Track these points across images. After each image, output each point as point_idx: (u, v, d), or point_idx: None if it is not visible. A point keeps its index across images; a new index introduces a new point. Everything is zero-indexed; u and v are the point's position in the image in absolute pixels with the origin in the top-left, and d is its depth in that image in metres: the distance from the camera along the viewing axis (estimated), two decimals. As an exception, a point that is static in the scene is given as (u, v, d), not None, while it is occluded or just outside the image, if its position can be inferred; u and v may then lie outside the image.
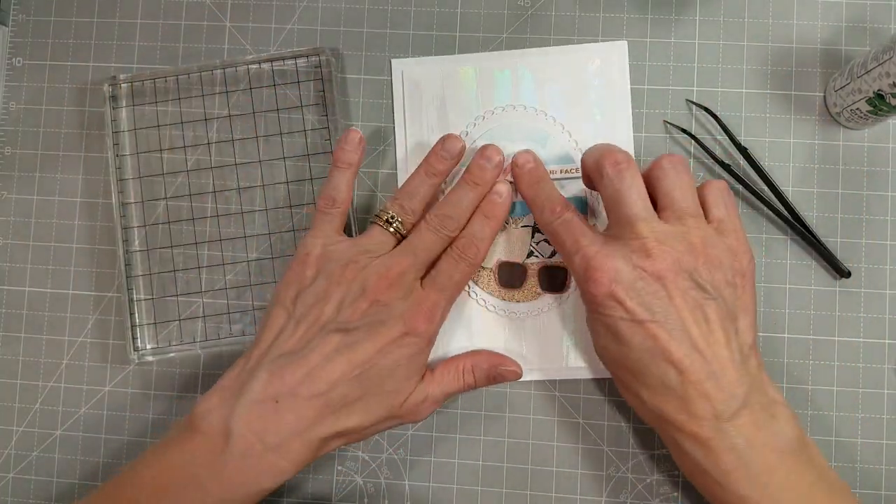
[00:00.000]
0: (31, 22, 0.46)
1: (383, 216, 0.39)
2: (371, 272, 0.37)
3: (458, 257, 0.38)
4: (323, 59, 0.43)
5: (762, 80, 0.43)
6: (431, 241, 0.38)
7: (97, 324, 0.44)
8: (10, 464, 0.44)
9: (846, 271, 0.41)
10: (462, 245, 0.38)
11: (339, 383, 0.35)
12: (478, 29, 0.44)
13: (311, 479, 0.42)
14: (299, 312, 0.37)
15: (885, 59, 0.36)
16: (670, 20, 0.43)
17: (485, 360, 0.40)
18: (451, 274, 0.38)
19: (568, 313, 0.42)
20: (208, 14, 0.45)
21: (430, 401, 0.38)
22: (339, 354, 0.36)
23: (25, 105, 0.45)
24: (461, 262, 0.38)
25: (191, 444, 0.35)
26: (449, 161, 0.40)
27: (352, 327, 0.36)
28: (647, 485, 0.41)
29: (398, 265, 0.37)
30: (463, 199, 0.39)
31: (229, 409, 0.35)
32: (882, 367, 0.41)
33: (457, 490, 0.42)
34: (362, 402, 0.36)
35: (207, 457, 0.34)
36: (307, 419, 0.35)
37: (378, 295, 0.36)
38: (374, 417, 0.36)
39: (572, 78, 0.43)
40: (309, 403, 0.35)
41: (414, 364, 0.37)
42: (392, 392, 0.37)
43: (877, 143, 0.42)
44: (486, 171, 0.39)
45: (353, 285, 0.36)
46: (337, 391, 0.35)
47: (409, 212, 0.39)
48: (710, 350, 0.34)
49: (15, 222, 0.45)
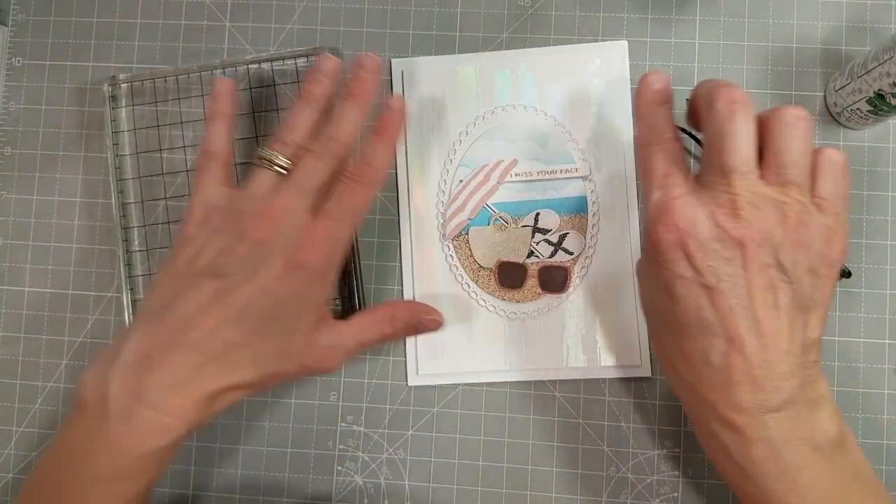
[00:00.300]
0: (31, 22, 0.46)
1: (263, 156, 0.36)
2: (250, 213, 0.34)
3: (352, 180, 0.35)
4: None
5: (762, 79, 0.43)
6: (314, 166, 0.35)
7: (97, 324, 0.44)
8: (10, 464, 0.44)
9: (846, 271, 0.41)
10: (355, 167, 0.35)
11: (217, 331, 0.33)
12: (478, 29, 0.44)
13: (312, 479, 0.42)
14: (179, 268, 0.35)
15: (886, 58, 0.36)
16: (670, 20, 0.43)
17: (403, 310, 0.38)
18: (345, 199, 0.35)
19: (568, 313, 0.42)
20: (208, 14, 0.45)
21: (342, 349, 0.36)
22: (214, 301, 0.33)
23: (25, 105, 0.45)
24: (356, 185, 0.35)
25: (77, 420, 0.33)
26: (325, 82, 0.37)
27: (228, 272, 0.34)
28: (647, 485, 0.41)
29: (279, 200, 0.34)
30: (343, 116, 0.36)
31: (105, 374, 0.33)
32: (882, 367, 0.41)
33: (457, 490, 0.42)
34: (250, 350, 0.34)
35: (92, 428, 0.32)
36: (184, 373, 0.33)
37: (258, 234, 0.34)
38: (270, 366, 0.34)
39: (572, 78, 0.43)
40: (184, 356, 0.33)
41: (304, 301, 0.35)
42: (283, 335, 0.34)
43: (877, 143, 0.42)
44: (364, 82, 0.37)
45: (234, 230, 0.34)
46: (216, 340, 0.33)
47: (289, 144, 0.36)
48: (771, 337, 0.31)
49: (15, 222, 0.45)
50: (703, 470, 0.41)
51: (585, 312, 0.42)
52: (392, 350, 0.43)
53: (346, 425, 0.43)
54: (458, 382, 0.42)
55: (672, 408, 0.42)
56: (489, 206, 0.43)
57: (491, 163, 0.43)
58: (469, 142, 0.43)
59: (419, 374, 0.42)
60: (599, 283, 0.42)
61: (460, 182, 0.43)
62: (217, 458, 0.43)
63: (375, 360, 0.43)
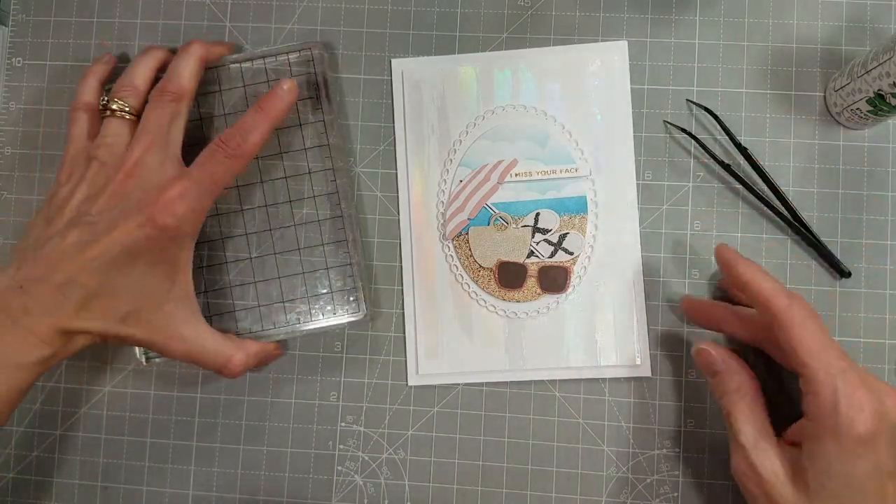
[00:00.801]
0: (31, 22, 0.46)
1: (104, 104, 0.39)
2: (114, 165, 0.37)
3: (217, 147, 0.37)
4: (315, 54, 0.43)
5: (762, 79, 0.43)
6: (158, 114, 0.38)
7: (97, 324, 0.44)
8: (9, 464, 0.43)
9: (846, 271, 0.41)
10: (225, 135, 0.37)
11: (76, 277, 0.35)
12: (478, 29, 0.44)
13: (311, 479, 0.42)
14: (50, 213, 0.37)
15: (885, 58, 0.36)
16: (670, 20, 0.43)
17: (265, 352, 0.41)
18: (208, 165, 0.37)
19: (568, 313, 0.42)
20: (208, 14, 0.45)
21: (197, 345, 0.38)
22: (77, 248, 0.35)
23: (25, 105, 0.45)
24: (219, 151, 0.37)
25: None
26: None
27: (92, 221, 0.36)
28: (647, 485, 0.41)
29: (134, 151, 0.37)
30: (180, 63, 0.39)
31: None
32: (882, 367, 0.41)
33: (457, 490, 0.42)
34: (102, 301, 0.36)
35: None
36: (47, 305, 0.35)
37: (118, 186, 0.36)
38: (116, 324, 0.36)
39: (572, 78, 0.43)
40: (49, 292, 0.35)
41: (157, 263, 0.36)
42: (134, 293, 0.36)
43: (877, 143, 0.42)
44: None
45: (97, 180, 0.37)
46: (74, 285, 0.35)
47: (127, 86, 0.39)
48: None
49: (14, 222, 0.45)
50: (702, 470, 0.41)
51: (585, 312, 0.42)
52: (392, 350, 0.43)
53: (346, 425, 0.43)
54: (458, 382, 0.42)
55: (672, 408, 0.42)
56: (489, 205, 0.43)
57: (491, 163, 0.43)
58: (469, 142, 0.43)
59: (419, 374, 0.42)
60: (599, 283, 0.42)
61: (460, 182, 0.43)
62: (217, 458, 0.43)
63: (375, 360, 0.43)
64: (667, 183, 0.43)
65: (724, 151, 0.43)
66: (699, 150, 0.42)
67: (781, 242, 0.42)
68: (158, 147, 0.37)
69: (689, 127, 0.43)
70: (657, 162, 0.43)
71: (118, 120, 0.39)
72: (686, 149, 0.43)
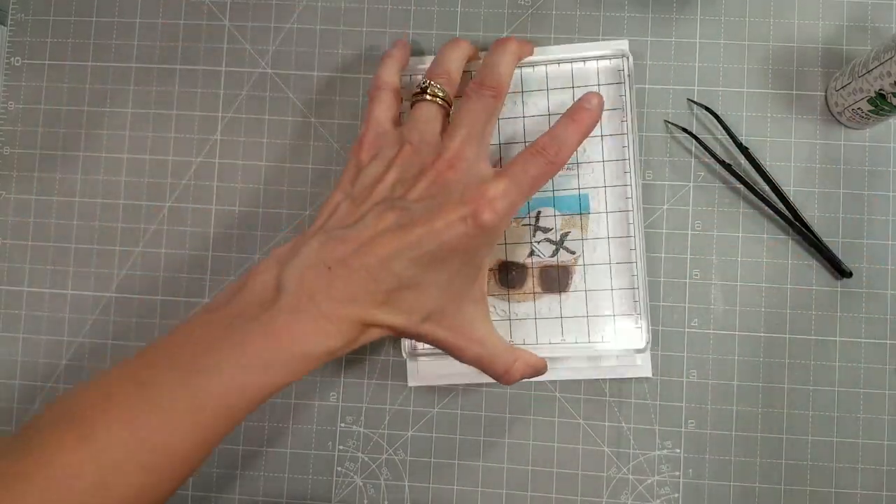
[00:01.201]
0: (30, 21, 0.46)
1: (419, 88, 0.38)
2: (428, 152, 0.35)
3: (537, 151, 0.35)
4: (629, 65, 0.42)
5: (763, 79, 0.43)
6: (476, 108, 0.36)
7: (96, 324, 0.44)
8: (8, 464, 0.43)
9: (847, 271, 0.41)
10: (543, 141, 0.35)
11: (390, 262, 0.33)
12: (478, 29, 0.44)
13: (311, 480, 0.42)
14: (356, 192, 0.36)
15: (887, 58, 0.35)
16: (671, 19, 0.43)
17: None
18: (527, 167, 0.35)
19: (568, 313, 0.42)
20: (208, 14, 0.45)
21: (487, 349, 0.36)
22: (391, 232, 0.33)
23: (24, 105, 0.45)
24: (539, 156, 0.35)
25: (240, 298, 0.33)
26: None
27: (407, 206, 0.34)
28: (647, 486, 0.41)
29: (454, 141, 0.35)
30: (500, 58, 0.38)
31: (281, 269, 0.33)
32: (883, 367, 0.41)
33: (457, 491, 0.42)
34: (411, 293, 0.34)
35: (255, 311, 0.32)
36: (354, 292, 0.33)
37: (438, 175, 0.34)
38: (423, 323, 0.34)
39: (573, 77, 0.43)
40: (358, 275, 0.33)
41: (467, 261, 0.35)
42: (440, 290, 0.34)
43: (878, 143, 0.42)
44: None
45: (410, 166, 0.35)
46: (386, 272, 0.33)
47: (442, 74, 0.38)
48: None
49: (14, 222, 0.45)
50: (703, 470, 0.41)
51: (585, 312, 0.42)
52: (392, 350, 0.43)
53: (346, 426, 0.42)
54: (458, 383, 0.42)
55: (672, 408, 0.41)
56: (489, 205, 0.43)
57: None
58: (469, 141, 0.43)
59: (419, 374, 0.42)
60: (600, 282, 0.42)
61: (460, 182, 0.43)
62: (217, 459, 0.43)
63: (375, 360, 0.43)
64: (667, 182, 0.43)
65: (724, 151, 0.42)
66: (700, 150, 0.42)
67: (782, 242, 0.42)
68: (475, 141, 0.36)
69: (689, 126, 0.42)
70: (658, 161, 0.43)
71: (432, 104, 0.37)
72: (687, 148, 0.43)
